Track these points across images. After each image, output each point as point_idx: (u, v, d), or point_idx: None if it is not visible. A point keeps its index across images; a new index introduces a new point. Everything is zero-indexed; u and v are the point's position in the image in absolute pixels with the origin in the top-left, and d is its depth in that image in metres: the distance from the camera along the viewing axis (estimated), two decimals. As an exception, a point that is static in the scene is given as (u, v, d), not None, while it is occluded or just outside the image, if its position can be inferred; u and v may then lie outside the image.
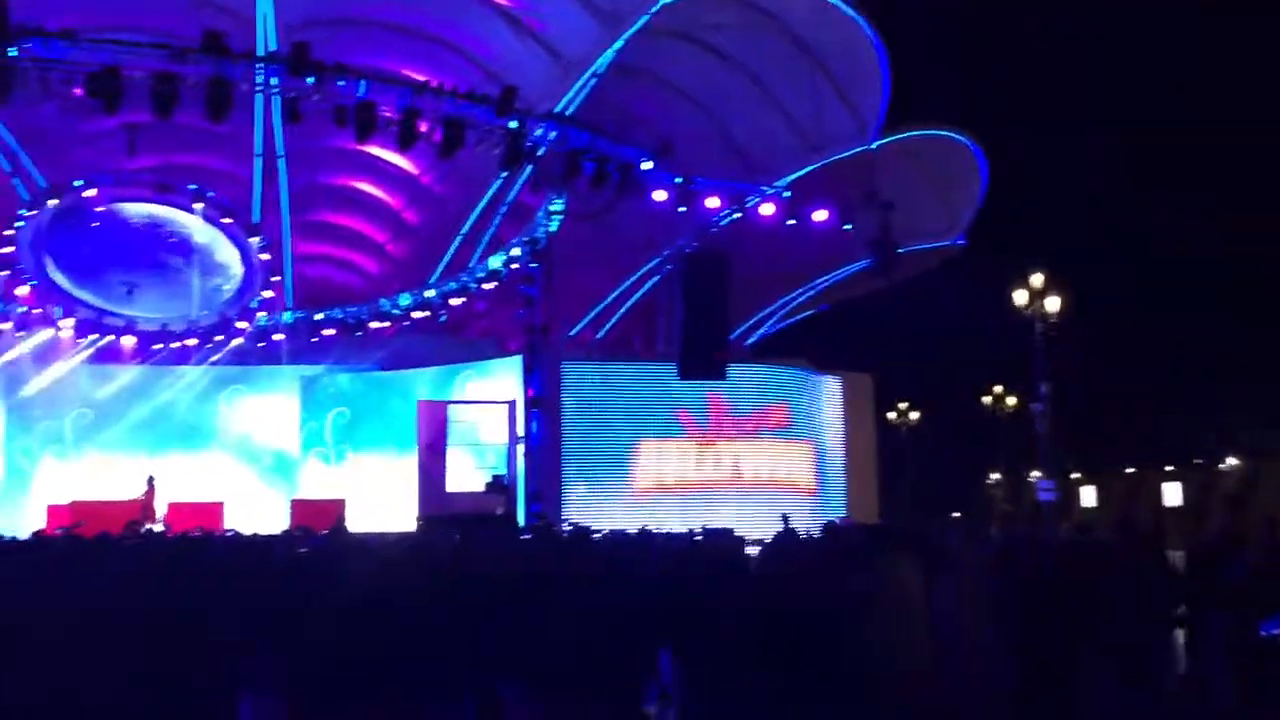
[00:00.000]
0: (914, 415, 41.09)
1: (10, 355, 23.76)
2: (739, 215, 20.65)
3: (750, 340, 28.29)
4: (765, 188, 20.50)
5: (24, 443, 24.28)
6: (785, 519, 16.47)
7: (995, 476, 45.42)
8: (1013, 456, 37.93)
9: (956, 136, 24.22)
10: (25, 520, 19.31)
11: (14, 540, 10.29)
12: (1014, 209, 31.14)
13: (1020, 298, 21.18)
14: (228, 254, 24.27)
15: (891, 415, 39.42)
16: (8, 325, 23.47)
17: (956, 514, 29.07)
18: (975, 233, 26.27)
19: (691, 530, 16.27)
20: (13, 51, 14.55)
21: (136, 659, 4.87)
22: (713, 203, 19.92)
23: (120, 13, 19.16)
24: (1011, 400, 36.21)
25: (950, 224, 26.03)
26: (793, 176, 22.39)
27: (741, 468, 22.03)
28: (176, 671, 4.92)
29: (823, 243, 22.96)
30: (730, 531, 14.07)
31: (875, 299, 27.83)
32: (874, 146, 23.06)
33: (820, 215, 20.11)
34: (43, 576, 5.70)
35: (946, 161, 24.64)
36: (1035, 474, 25.59)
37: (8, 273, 22.62)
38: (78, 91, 15.22)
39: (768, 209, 20.10)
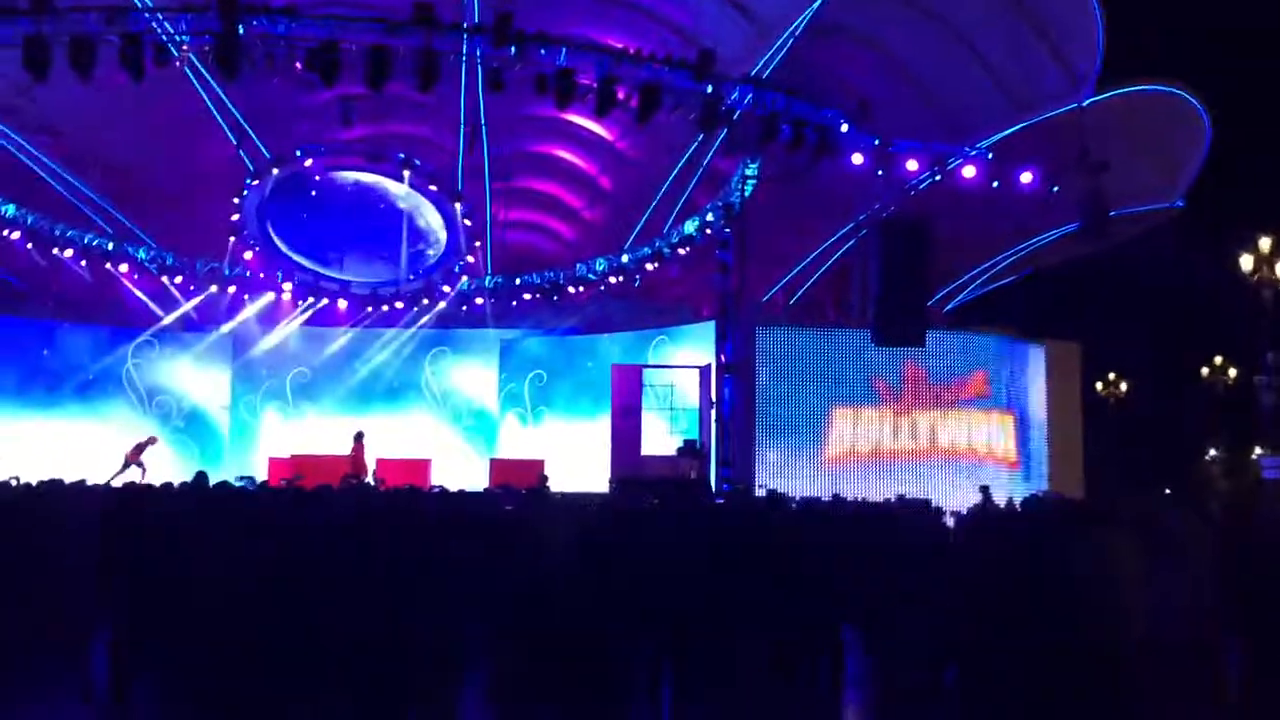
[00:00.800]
0: (1124, 386, 39.17)
1: (240, 318, 25.44)
2: (939, 178, 20.06)
3: (948, 307, 27.49)
4: (968, 149, 19.83)
5: (249, 400, 25.97)
6: (985, 491, 16.07)
7: (1213, 453, 42.91)
8: (1233, 432, 35.74)
9: (1178, 92, 22.75)
10: (250, 472, 20.64)
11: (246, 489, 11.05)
12: (1240, 168, 29.08)
13: (1247, 263, 19.87)
14: (433, 220, 25.21)
15: (1100, 386, 37.71)
16: (233, 289, 25.16)
17: (1168, 490, 27.61)
18: (1196, 194, 24.68)
19: (887, 500, 16.05)
20: (240, 30, 15.49)
21: (368, 601, 5.16)
22: (912, 165, 19.45)
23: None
24: (1233, 372, 34.10)
25: (1168, 185, 24.53)
26: (997, 137, 21.50)
27: (938, 437, 21.52)
28: (404, 614, 5.17)
29: (1028, 206, 22.07)
30: (928, 503, 13.78)
31: (1085, 264, 26.58)
32: (1085, 104, 21.91)
33: (1026, 177, 19.38)
34: (284, 523, 6.10)
35: (1165, 119, 23.18)
36: (1259, 450, 24.03)
37: (235, 239, 24.17)
38: (299, 66, 16.07)
39: (970, 171, 19.47)
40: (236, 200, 23.69)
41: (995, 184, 19.43)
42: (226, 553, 6.05)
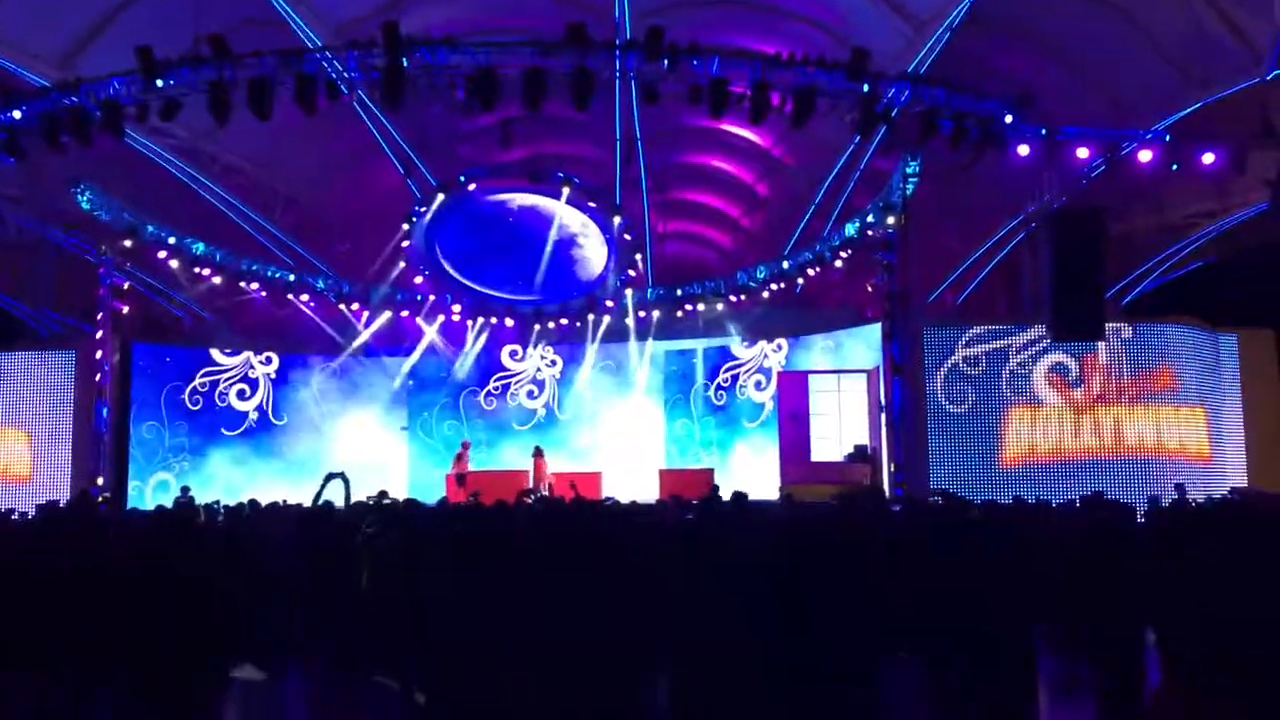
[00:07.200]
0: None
1: (423, 344, 26.31)
2: (1110, 165, 19.23)
3: (1127, 300, 26.29)
4: (1142, 132, 18.96)
5: (425, 420, 26.80)
6: (1180, 489, 15.29)
7: None
8: None
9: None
10: (430, 491, 21.28)
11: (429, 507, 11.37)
12: None
13: None
14: (593, 236, 25.52)
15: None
16: (405, 313, 26.02)
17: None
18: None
19: (1072, 500, 15.41)
20: (404, 62, 16.02)
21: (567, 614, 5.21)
22: (1082, 153, 18.69)
23: (492, 16, 20.52)
24: None
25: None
26: (1173, 118, 20.49)
27: (1124, 435, 20.60)
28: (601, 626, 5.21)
29: (1209, 188, 20.95)
30: (1120, 504, 13.13)
31: (1276, 246, 25.02)
32: (1270, 78, 20.65)
33: (1208, 158, 18.41)
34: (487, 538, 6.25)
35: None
36: None
37: (405, 264, 25.00)
38: (459, 93, 16.52)
39: (1145, 155, 18.61)
40: (406, 227, 24.50)
41: (1174, 167, 18.54)
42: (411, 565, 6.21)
